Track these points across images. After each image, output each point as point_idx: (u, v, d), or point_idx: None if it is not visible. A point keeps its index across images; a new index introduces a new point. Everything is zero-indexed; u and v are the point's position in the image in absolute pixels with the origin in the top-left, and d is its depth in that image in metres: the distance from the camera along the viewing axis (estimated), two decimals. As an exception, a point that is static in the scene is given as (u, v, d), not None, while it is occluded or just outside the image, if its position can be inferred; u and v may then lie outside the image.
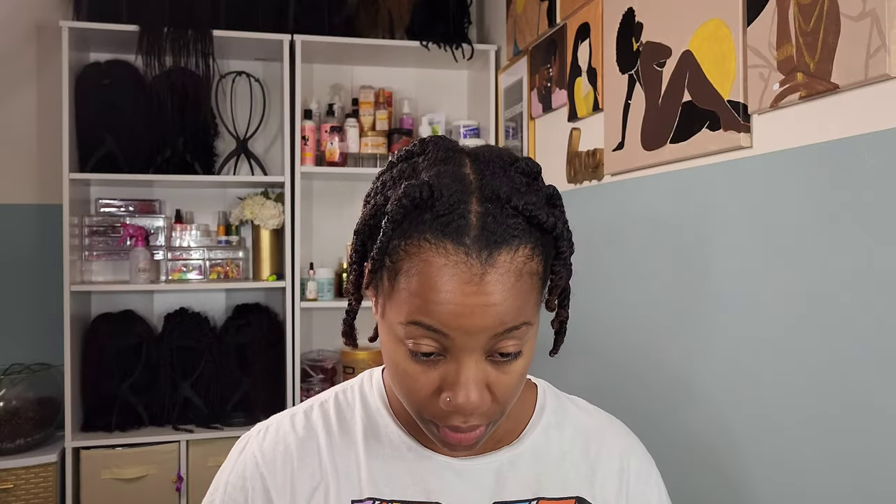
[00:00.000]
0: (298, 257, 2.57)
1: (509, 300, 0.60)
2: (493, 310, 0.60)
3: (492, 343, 0.62)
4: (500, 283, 0.60)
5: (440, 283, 0.59)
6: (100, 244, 2.62)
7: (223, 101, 2.72)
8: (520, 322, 0.62)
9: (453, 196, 0.61)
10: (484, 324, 0.60)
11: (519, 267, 0.61)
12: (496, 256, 0.60)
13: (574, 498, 0.75)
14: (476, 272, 0.59)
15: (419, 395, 0.65)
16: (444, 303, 0.59)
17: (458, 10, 2.71)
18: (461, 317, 0.59)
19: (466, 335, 0.60)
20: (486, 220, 0.60)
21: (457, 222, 0.60)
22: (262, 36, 2.55)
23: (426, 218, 0.60)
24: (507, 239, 0.60)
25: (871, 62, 0.96)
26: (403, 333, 0.62)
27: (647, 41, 1.54)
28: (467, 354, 0.62)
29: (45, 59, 2.66)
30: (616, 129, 1.66)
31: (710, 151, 1.32)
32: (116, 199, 2.69)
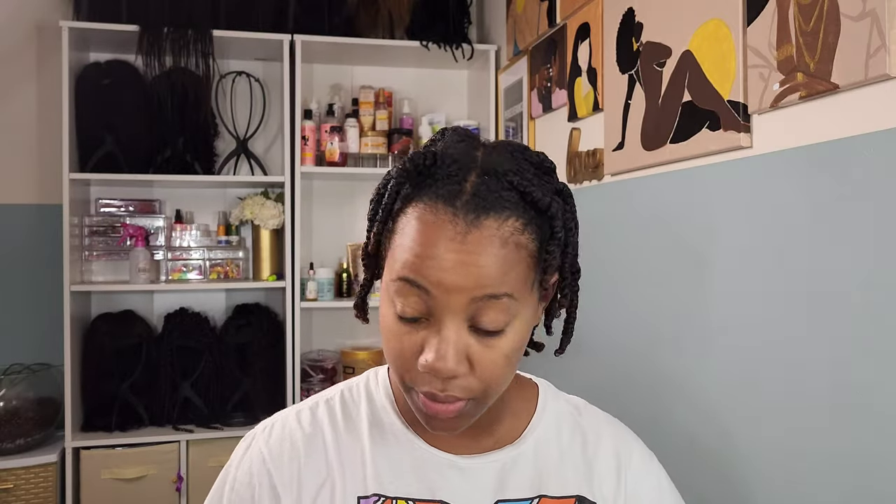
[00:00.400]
0: (298, 257, 2.57)
1: (491, 264, 0.61)
2: (472, 269, 0.61)
3: (473, 309, 0.62)
4: (483, 244, 0.61)
5: (426, 238, 0.62)
6: (100, 244, 2.62)
7: (223, 101, 2.72)
8: (501, 292, 0.62)
9: (454, 165, 0.64)
10: (463, 282, 0.61)
11: (505, 236, 0.62)
12: (482, 220, 0.61)
13: (574, 497, 0.75)
14: (460, 230, 0.61)
15: (402, 357, 0.65)
16: (427, 257, 0.61)
17: (458, 10, 2.71)
18: (441, 271, 0.61)
19: (447, 293, 0.61)
20: (480, 188, 0.62)
21: (452, 188, 0.62)
22: (262, 36, 2.55)
23: (426, 183, 0.64)
24: (497, 207, 0.62)
25: (871, 62, 0.96)
26: (394, 291, 0.64)
27: (647, 41, 1.54)
28: (448, 316, 0.62)
29: (45, 59, 2.66)
30: (616, 129, 1.66)
31: (710, 151, 1.32)
32: (116, 199, 2.69)
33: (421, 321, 0.64)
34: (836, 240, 1.04)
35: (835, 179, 1.04)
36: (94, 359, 2.49)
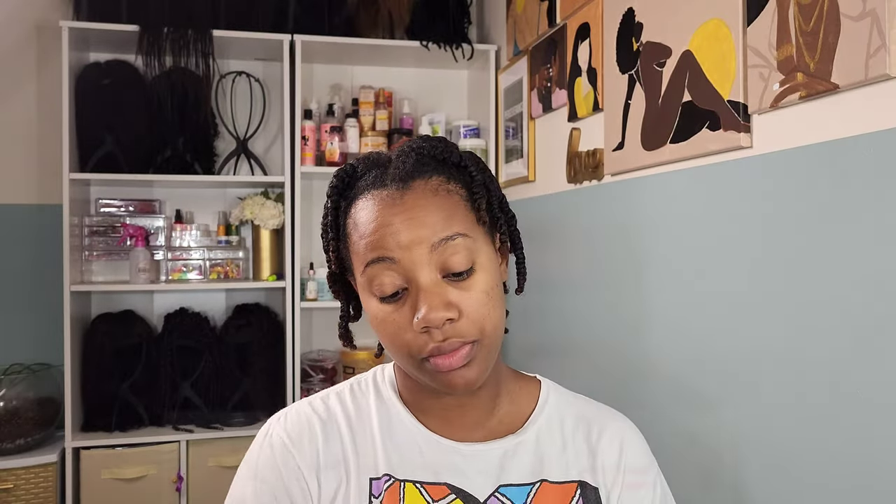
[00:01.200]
0: (298, 257, 2.57)
1: (432, 212, 0.69)
2: (417, 221, 0.68)
3: (437, 258, 0.68)
4: (418, 199, 0.69)
5: (374, 216, 0.69)
6: (100, 244, 2.62)
7: (223, 101, 2.72)
8: (453, 233, 0.68)
9: (370, 163, 0.74)
10: (416, 234, 0.68)
11: (434, 187, 0.70)
12: (410, 183, 0.70)
13: (576, 482, 0.76)
14: (396, 196, 0.69)
15: (401, 336, 0.69)
16: (380, 228, 0.68)
17: (458, 10, 2.71)
18: (397, 234, 0.68)
19: (408, 251, 0.67)
20: (399, 166, 0.71)
21: (377, 175, 0.72)
22: (262, 36, 2.54)
23: (355, 187, 0.73)
24: (419, 171, 0.71)
25: (871, 62, 0.96)
26: (367, 282, 0.70)
27: (647, 41, 1.54)
28: (418, 272, 0.68)
29: (45, 59, 2.66)
30: (616, 129, 1.66)
31: (710, 151, 1.32)
32: (116, 199, 2.69)
33: (400, 296, 0.69)
34: (836, 240, 1.04)
35: (835, 179, 1.04)
36: (94, 359, 2.49)
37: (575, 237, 1.91)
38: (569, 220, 1.95)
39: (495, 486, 0.74)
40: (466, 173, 0.73)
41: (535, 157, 2.24)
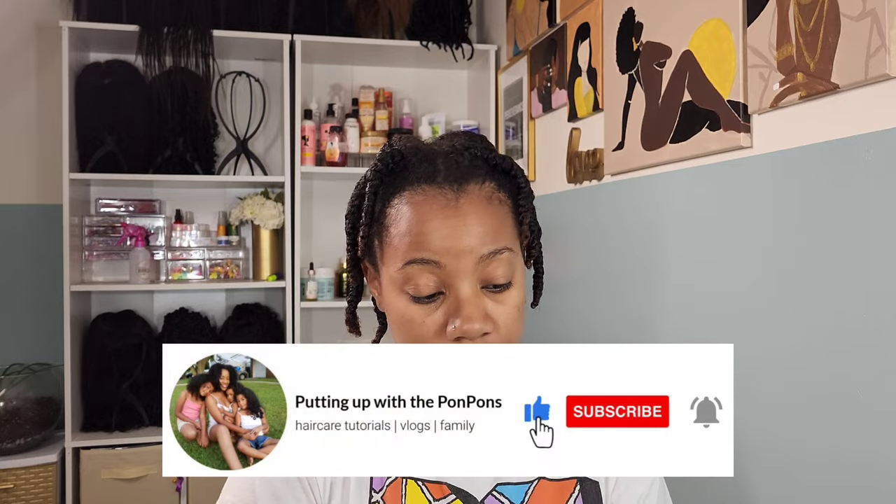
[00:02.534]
0: (298, 257, 2.57)
1: (486, 222, 0.67)
2: (472, 230, 0.66)
3: (481, 269, 0.66)
4: (474, 205, 0.67)
5: (423, 216, 0.66)
6: (100, 244, 2.62)
7: (223, 101, 2.72)
8: (501, 246, 0.67)
9: (420, 154, 0.70)
10: (468, 244, 0.65)
11: (488, 194, 0.68)
12: (465, 186, 0.67)
13: (575, 479, 0.76)
14: (451, 199, 0.66)
15: (427, 340, 0.67)
16: (430, 231, 0.66)
17: (458, 10, 2.71)
18: (447, 238, 0.65)
19: (456, 258, 0.65)
20: (451, 165, 0.68)
21: (428, 170, 0.68)
22: (262, 36, 2.54)
23: (401, 176, 0.69)
24: (473, 175, 0.68)
25: (871, 62, 0.96)
26: (402, 280, 0.67)
27: (647, 41, 1.54)
28: (461, 280, 0.66)
29: (45, 59, 2.66)
30: (616, 129, 1.66)
31: (710, 151, 1.32)
32: (116, 199, 2.69)
33: (436, 298, 0.67)
34: (836, 239, 1.04)
35: (835, 179, 1.04)
36: (94, 359, 2.49)
37: (575, 237, 1.91)
38: (569, 220, 1.95)
39: (493, 485, 0.73)
40: (515, 184, 0.72)
41: (535, 157, 2.24)
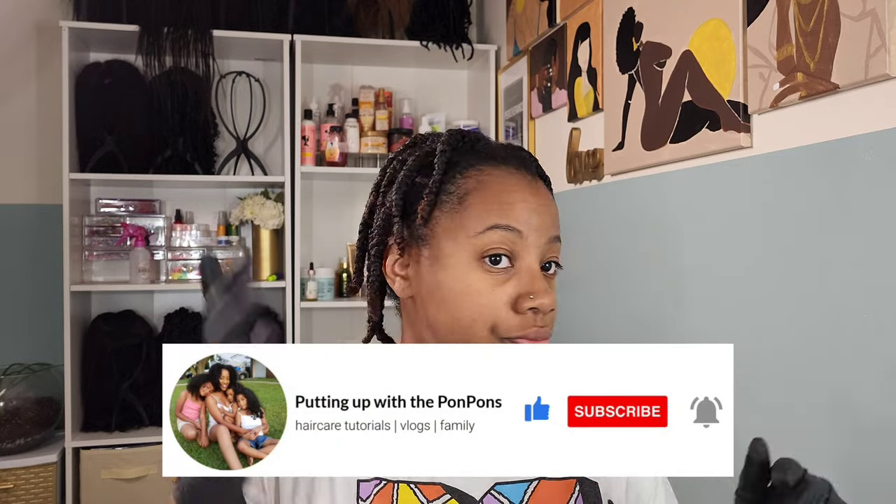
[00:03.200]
0: (298, 257, 2.57)
1: (554, 212, 0.73)
2: (550, 209, 0.72)
3: (545, 250, 0.70)
4: (546, 195, 0.73)
5: (510, 187, 0.70)
6: (100, 244, 2.62)
7: (223, 101, 2.72)
8: (559, 233, 0.73)
9: (483, 140, 0.75)
10: (547, 221, 0.71)
11: (550, 191, 0.75)
12: (537, 178, 0.74)
13: (575, 478, 0.75)
14: (531, 181, 0.72)
15: (492, 311, 0.68)
16: (517, 201, 0.70)
17: (458, 10, 2.71)
18: (533, 213, 0.70)
19: (536, 231, 0.69)
20: (518, 155, 0.74)
21: (498, 154, 0.73)
22: (262, 36, 2.55)
23: (470, 154, 0.72)
24: (537, 171, 0.75)
25: (871, 62, 0.96)
26: (479, 245, 0.68)
27: (647, 41, 1.54)
28: (533, 257, 0.69)
29: (45, 59, 2.66)
30: (616, 129, 1.66)
31: (710, 151, 1.32)
32: (116, 199, 2.69)
33: (506, 271, 0.69)
34: (835, 239, 1.04)
35: (835, 179, 1.04)
36: (94, 359, 2.49)
37: (575, 237, 1.91)
38: (569, 221, 1.94)
39: (491, 484, 0.72)
40: (549, 188, 0.77)
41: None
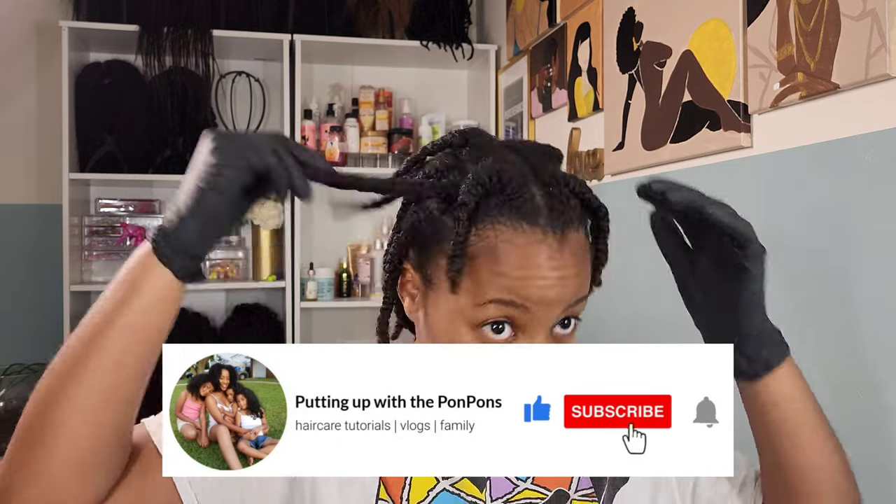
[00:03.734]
0: (298, 257, 2.57)
1: (581, 274, 0.65)
2: (571, 281, 0.63)
3: (564, 314, 0.65)
4: (573, 256, 0.64)
5: (524, 260, 0.62)
6: (100, 244, 2.62)
7: (223, 101, 2.72)
8: (584, 294, 0.66)
9: (517, 180, 0.64)
10: (564, 296, 0.63)
11: (583, 244, 0.66)
12: (567, 234, 0.64)
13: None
14: (555, 248, 0.63)
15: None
16: (531, 277, 0.62)
17: (458, 9, 2.71)
18: (547, 289, 0.62)
19: (548, 307, 0.63)
20: (553, 203, 0.64)
21: (527, 205, 0.63)
22: (262, 36, 2.55)
23: (494, 202, 0.63)
24: (573, 220, 0.65)
25: (871, 62, 0.96)
26: (479, 315, 0.63)
27: (647, 41, 1.54)
28: (541, 329, 0.64)
29: (45, 59, 2.66)
30: (616, 129, 1.66)
31: (710, 151, 1.32)
32: (116, 199, 2.69)
33: (507, 341, 0.64)
34: (835, 240, 1.04)
35: (835, 179, 1.04)
36: (94, 359, 2.49)
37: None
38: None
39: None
40: (599, 227, 0.70)
41: (535, 157, 2.24)
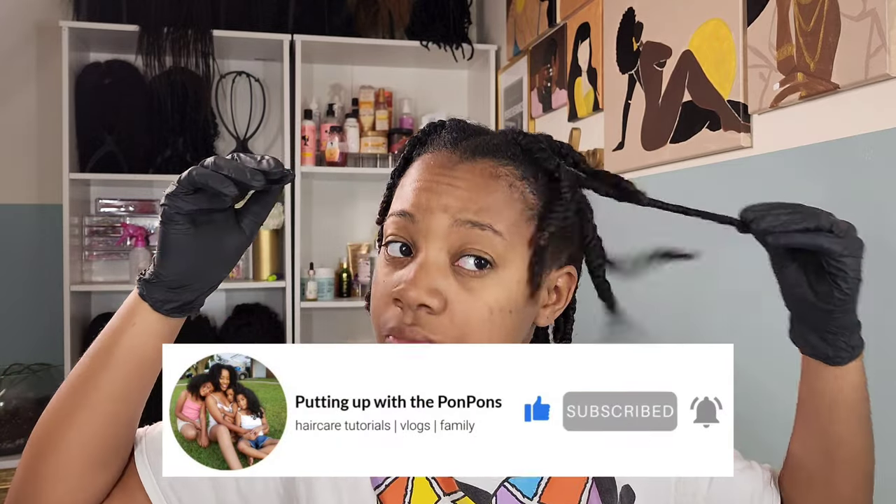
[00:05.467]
0: (298, 257, 2.57)
1: (477, 193, 0.60)
2: (456, 192, 0.59)
3: (455, 238, 0.59)
4: (472, 174, 0.60)
5: (420, 174, 0.62)
6: (100, 244, 2.62)
7: (223, 101, 2.72)
8: (485, 222, 0.59)
9: (460, 127, 0.65)
10: (444, 202, 0.59)
11: (499, 173, 0.61)
12: (478, 158, 0.61)
13: (585, 476, 0.75)
14: (453, 161, 0.61)
15: (377, 298, 0.62)
16: (415, 181, 0.62)
17: (458, 9, 2.71)
18: (425, 192, 0.60)
19: (429, 214, 0.59)
20: (479, 139, 0.63)
21: (455, 136, 0.64)
22: (262, 36, 2.55)
23: (427, 143, 0.65)
24: (498, 153, 0.62)
25: (871, 62, 0.96)
26: (386, 236, 0.63)
27: (647, 41, 1.54)
28: (430, 242, 0.59)
29: (45, 59, 2.66)
30: (616, 129, 1.66)
31: (710, 151, 1.32)
32: (116, 199, 2.70)
33: (401, 261, 0.61)
34: (836, 240, 1.04)
35: (835, 179, 1.04)
36: (94, 359, 2.49)
37: (575, 237, 1.91)
38: (569, 220, 1.95)
39: (503, 478, 0.71)
40: (558, 188, 0.62)
41: (535, 157, 2.25)
